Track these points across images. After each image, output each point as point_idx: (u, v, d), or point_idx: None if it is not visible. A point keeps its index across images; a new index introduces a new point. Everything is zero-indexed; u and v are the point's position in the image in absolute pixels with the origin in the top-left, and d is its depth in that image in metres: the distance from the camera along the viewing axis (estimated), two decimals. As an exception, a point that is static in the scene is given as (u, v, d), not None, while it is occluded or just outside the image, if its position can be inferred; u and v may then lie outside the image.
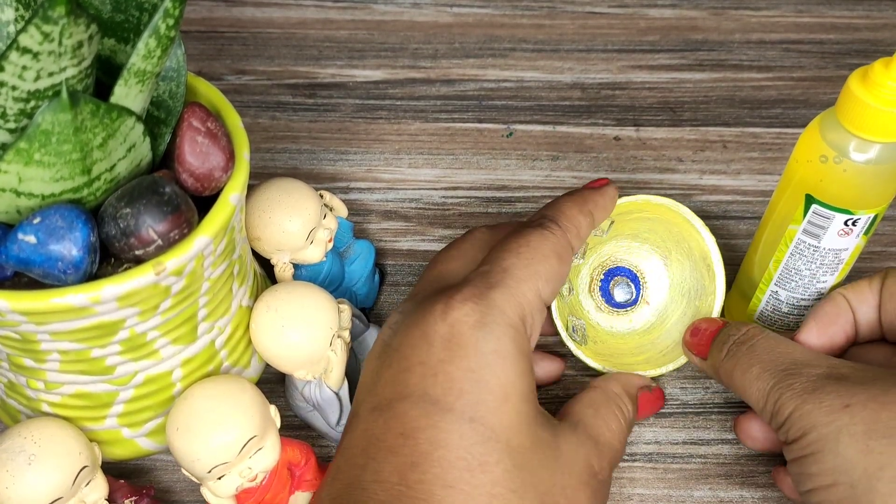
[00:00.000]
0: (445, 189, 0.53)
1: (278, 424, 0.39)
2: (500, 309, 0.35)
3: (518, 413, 0.35)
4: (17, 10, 0.35)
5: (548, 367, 0.44)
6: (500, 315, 0.35)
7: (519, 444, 0.34)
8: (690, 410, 0.45)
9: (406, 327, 0.36)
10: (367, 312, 0.48)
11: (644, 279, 0.44)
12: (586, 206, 0.40)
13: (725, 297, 0.43)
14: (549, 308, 0.42)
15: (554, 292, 0.38)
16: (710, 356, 0.40)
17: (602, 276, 0.44)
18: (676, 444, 0.44)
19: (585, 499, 0.36)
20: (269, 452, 0.37)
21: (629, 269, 0.44)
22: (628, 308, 0.44)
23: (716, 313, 0.43)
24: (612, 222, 0.43)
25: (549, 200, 0.53)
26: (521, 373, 0.35)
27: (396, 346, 0.36)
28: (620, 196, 0.42)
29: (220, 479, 0.37)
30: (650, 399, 0.42)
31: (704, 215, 0.52)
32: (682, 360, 0.43)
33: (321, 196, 0.45)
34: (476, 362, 0.34)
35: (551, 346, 0.46)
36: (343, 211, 0.47)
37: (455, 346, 0.35)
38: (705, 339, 0.41)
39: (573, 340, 0.43)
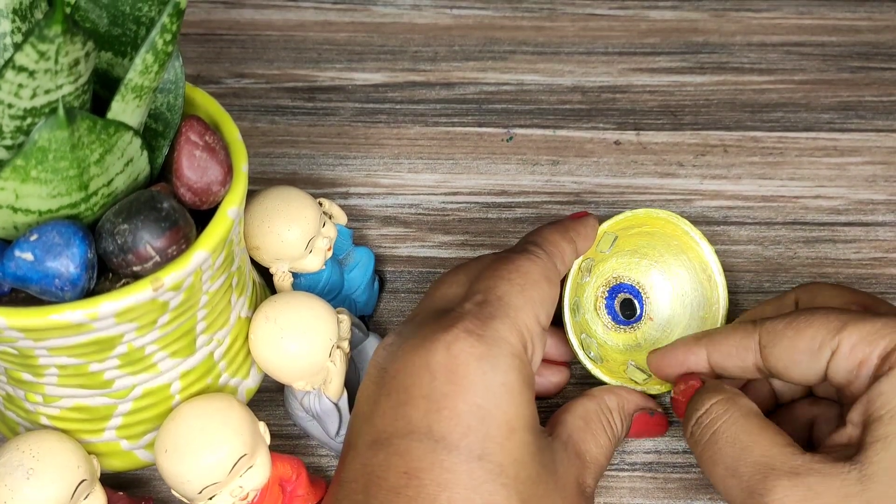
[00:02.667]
0: (445, 194, 0.53)
1: (268, 441, 0.38)
2: (505, 340, 0.35)
3: (524, 444, 0.34)
4: (13, 21, 0.34)
5: (553, 378, 0.44)
6: (505, 346, 0.35)
7: (526, 476, 0.34)
8: (691, 419, 0.45)
9: (405, 353, 0.36)
10: (367, 320, 0.48)
11: (647, 295, 0.44)
12: (568, 234, 0.41)
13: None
14: (563, 328, 0.42)
15: (549, 316, 0.38)
16: (684, 423, 0.38)
17: (606, 294, 0.44)
18: (676, 453, 0.44)
19: None
20: (259, 470, 0.37)
21: (632, 286, 0.44)
22: (633, 324, 0.44)
23: (721, 322, 0.43)
24: (616, 238, 0.43)
25: (549, 204, 0.53)
26: (525, 403, 0.35)
27: (394, 374, 0.36)
28: (622, 210, 0.42)
29: (210, 499, 0.36)
30: (649, 423, 0.41)
31: (705, 221, 0.52)
32: None
33: (320, 204, 0.45)
34: (483, 397, 0.34)
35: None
36: (342, 218, 0.46)
37: (460, 380, 0.34)
38: (684, 400, 0.38)
39: (589, 359, 0.42)
